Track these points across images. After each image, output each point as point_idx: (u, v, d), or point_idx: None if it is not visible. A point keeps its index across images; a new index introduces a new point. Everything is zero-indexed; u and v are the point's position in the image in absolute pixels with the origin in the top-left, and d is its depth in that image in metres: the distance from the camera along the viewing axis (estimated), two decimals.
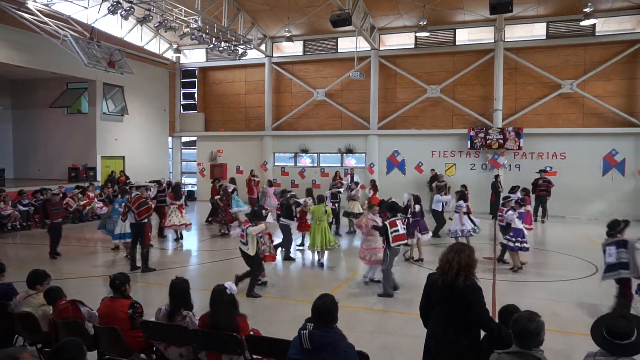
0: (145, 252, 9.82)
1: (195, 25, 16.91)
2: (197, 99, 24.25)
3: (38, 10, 15.09)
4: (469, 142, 19.05)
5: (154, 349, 4.73)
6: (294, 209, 11.22)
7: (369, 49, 20.25)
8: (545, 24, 18.49)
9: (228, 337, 4.18)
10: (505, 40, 18.86)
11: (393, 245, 7.97)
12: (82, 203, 16.40)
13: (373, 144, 20.76)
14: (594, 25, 17.45)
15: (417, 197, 11.07)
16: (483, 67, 19.36)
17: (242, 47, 19.28)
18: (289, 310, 7.37)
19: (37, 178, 19.66)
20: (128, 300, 4.79)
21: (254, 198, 17.64)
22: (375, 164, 20.50)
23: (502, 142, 18.56)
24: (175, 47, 22.68)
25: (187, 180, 24.90)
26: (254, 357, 4.27)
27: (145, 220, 9.88)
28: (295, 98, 22.44)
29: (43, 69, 17.28)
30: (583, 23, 16.07)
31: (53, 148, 20.17)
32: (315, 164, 22.07)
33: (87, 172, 19.10)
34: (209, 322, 4.35)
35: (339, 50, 21.38)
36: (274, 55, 22.45)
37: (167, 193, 13.51)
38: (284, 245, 10.89)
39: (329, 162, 21.93)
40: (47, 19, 15.23)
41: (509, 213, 9.83)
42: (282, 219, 10.98)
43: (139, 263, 9.82)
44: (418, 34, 17.87)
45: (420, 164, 19.82)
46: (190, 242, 13.58)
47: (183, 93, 24.46)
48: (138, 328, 4.61)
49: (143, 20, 15.71)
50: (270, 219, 10.81)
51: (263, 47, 21.88)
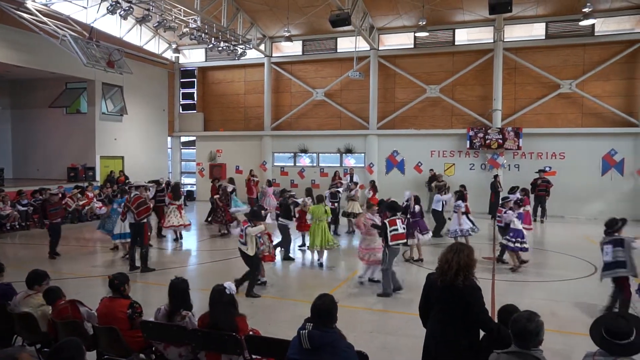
0: (145, 252, 9.82)
1: (195, 25, 16.90)
2: (196, 99, 24.23)
3: (37, 10, 15.07)
4: (468, 142, 19.05)
5: (153, 349, 4.73)
6: (292, 209, 11.23)
7: (368, 49, 20.25)
8: (545, 24, 18.50)
9: (227, 337, 4.18)
10: (505, 40, 18.87)
11: (391, 244, 7.96)
12: (81, 203, 16.42)
13: (372, 144, 20.76)
14: (593, 26, 17.46)
15: (416, 197, 11.09)
16: (482, 67, 19.37)
17: (241, 47, 19.27)
18: (289, 310, 7.37)
19: (36, 178, 19.65)
20: (127, 300, 4.78)
21: (253, 198, 17.65)
22: (375, 164, 20.51)
23: (501, 142, 18.57)
24: (175, 47, 22.69)
25: (186, 180, 24.90)
26: (253, 357, 4.27)
27: (145, 220, 9.89)
28: (295, 98, 22.43)
29: (42, 69, 17.26)
30: (582, 23, 16.08)
31: (52, 148, 20.15)
32: (315, 164, 22.06)
33: (86, 172, 19.11)
34: (209, 322, 4.35)
35: (338, 50, 21.38)
36: (273, 55, 22.44)
37: (166, 193, 13.51)
38: (283, 245, 10.89)
39: (329, 162, 21.93)
40: (46, 19, 15.22)
41: (509, 213, 9.86)
42: (280, 219, 10.99)
43: (138, 263, 9.82)
44: (417, 34, 17.90)
45: (420, 164, 19.85)
46: (190, 242, 13.57)
47: (182, 93, 24.44)
48: (137, 328, 4.61)
49: (142, 20, 15.70)
50: (269, 220, 10.81)
51: (262, 47, 21.87)
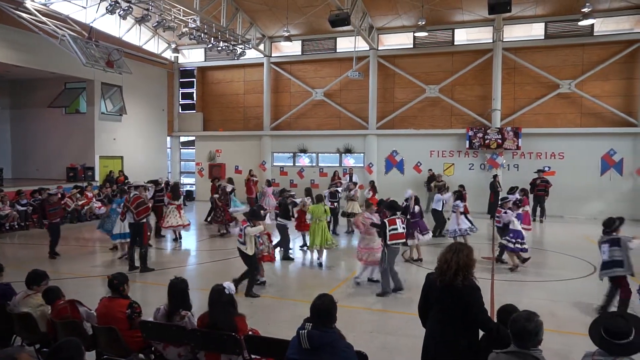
0: (144, 252, 9.82)
1: (194, 25, 16.89)
2: (195, 99, 24.22)
3: (36, 10, 15.05)
4: (468, 142, 19.06)
5: (153, 349, 4.73)
6: (291, 209, 11.23)
7: (368, 49, 20.25)
8: (544, 24, 18.51)
9: (227, 337, 4.18)
10: (504, 40, 18.88)
11: (390, 244, 7.96)
12: (80, 203, 16.42)
13: (372, 144, 20.76)
14: (592, 25, 17.47)
15: (416, 197, 11.09)
16: (481, 67, 19.37)
17: (240, 46, 19.26)
18: (288, 310, 7.37)
19: (35, 178, 19.62)
20: (126, 300, 4.78)
21: (253, 198, 17.66)
22: (374, 164, 20.51)
23: (500, 142, 18.57)
24: (174, 46, 22.68)
25: (185, 180, 24.89)
26: (253, 357, 4.27)
27: (144, 220, 9.88)
28: (294, 98, 22.43)
29: (41, 69, 17.24)
30: (581, 23, 16.08)
31: (51, 148, 20.13)
32: (314, 164, 22.06)
33: (85, 172, 19.10)
34: (208, 322, 4.36)
35: (338, 50, 21.37)
36: (273, 55, 22.43)
37: (165, 193, 13.51)
38: (282, 245, 10.89)
39: (328, 162, 21.93)
40: (45, 19, 15.20)
41: (509, 213, 9.87)
42: (278, 219, 11.00)
43: (138, 263, 9.81)
44: (417, 34, 17.91)
45: (419, 164, 19.86)
46: (189, 242, 13.57)
47: (181, 93, 24.42)
48: (136, 328, 4.61)
49: (141, 20, 15.69)
50: (268, 220, 10.81)
51: (262, 46, 21.87)
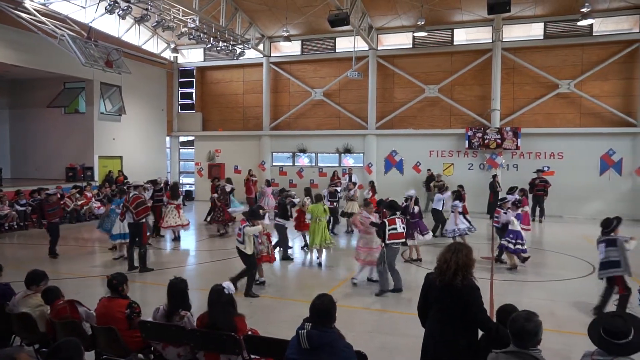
0: (143, 252, 9.81)
1: (193, 25, 16.88)
2: (194, 99, 24.21)
3: (35, 10, 15.04)
4: (467, 142, 19.07)
5: (152, 349, 4.72)
6: (289, 209, 11.23)
7: (367, 49, 20.25)
8: (543, 24, 18.52)
9: (226, 337, 4.18)
10: (503, 40, 18.89)
11: (388, 243, 7.96)
12: (79, 203, 16.40)
13: (371, 144, 20.76)
14: (592, 26, 17.48)
15: (415, 198, 11.10)
16: (481, 67, 19.38)
17: (240, 46, 19.25)
18: (287, 310, 7.36)
19: (34, 178, 19.60)
20: (126, 300, 4.77)
21: (252, 198, 17.65)
22: (373, 164, 20.51)
23: (499, 141, 18.58)
24: (173, 46, 22.67)
25: (184, 180, 24.88)
26: (252, 357, 4.26)
27: (143, 220, 9.88)
28: (293, 98, 22.42)
29: (40, 69, 17.22)
30: (580, 23, 16.09)
31: (51, 148, 20.12)
32: (314, 164, 22.06)
33: (84, 171, 19.09)
34: (207, 322, 4.35)
35: (337, 50, 21.37)
36: (272, 55, 22.43)
37: (164, 192, 13.50)
38: (281, 245, 10.89)
39: (327, 161, 21.93)
40: (44, 19, 15.18)
41: (509, 213, 9.88)
42: (277, 219, 11.00)
43: (137, 263, 9.81)
44: (416, 34, 17.91)
45: (418, 164, 19.86)
46: (188, 241, 13.57)
47: (181, 93, 24.41)
48: (136, 328, 4.60)
49: (140, 20, 15.66)
50: (267, 220, 10.80)
51: (261, 46, 21.86)
